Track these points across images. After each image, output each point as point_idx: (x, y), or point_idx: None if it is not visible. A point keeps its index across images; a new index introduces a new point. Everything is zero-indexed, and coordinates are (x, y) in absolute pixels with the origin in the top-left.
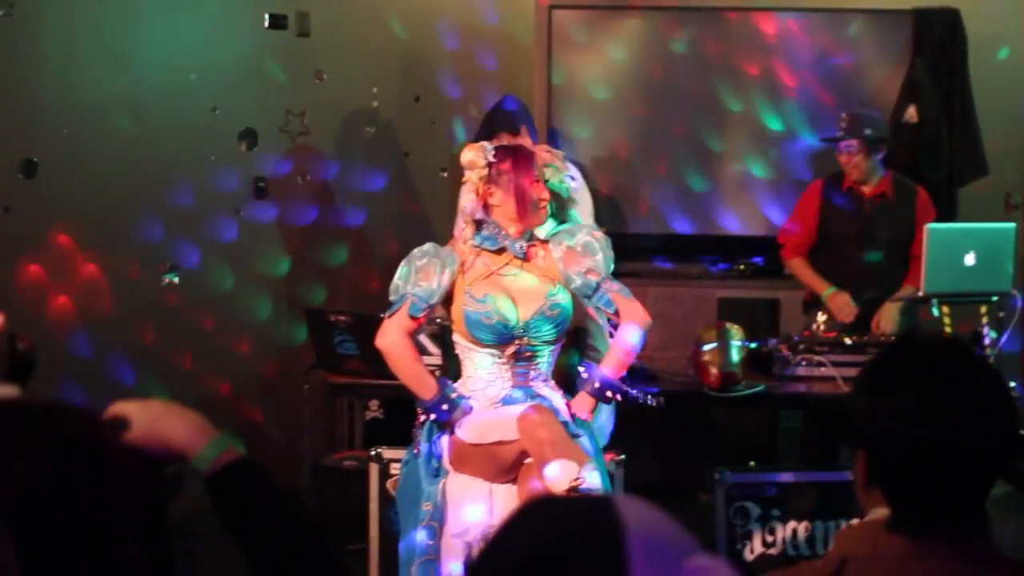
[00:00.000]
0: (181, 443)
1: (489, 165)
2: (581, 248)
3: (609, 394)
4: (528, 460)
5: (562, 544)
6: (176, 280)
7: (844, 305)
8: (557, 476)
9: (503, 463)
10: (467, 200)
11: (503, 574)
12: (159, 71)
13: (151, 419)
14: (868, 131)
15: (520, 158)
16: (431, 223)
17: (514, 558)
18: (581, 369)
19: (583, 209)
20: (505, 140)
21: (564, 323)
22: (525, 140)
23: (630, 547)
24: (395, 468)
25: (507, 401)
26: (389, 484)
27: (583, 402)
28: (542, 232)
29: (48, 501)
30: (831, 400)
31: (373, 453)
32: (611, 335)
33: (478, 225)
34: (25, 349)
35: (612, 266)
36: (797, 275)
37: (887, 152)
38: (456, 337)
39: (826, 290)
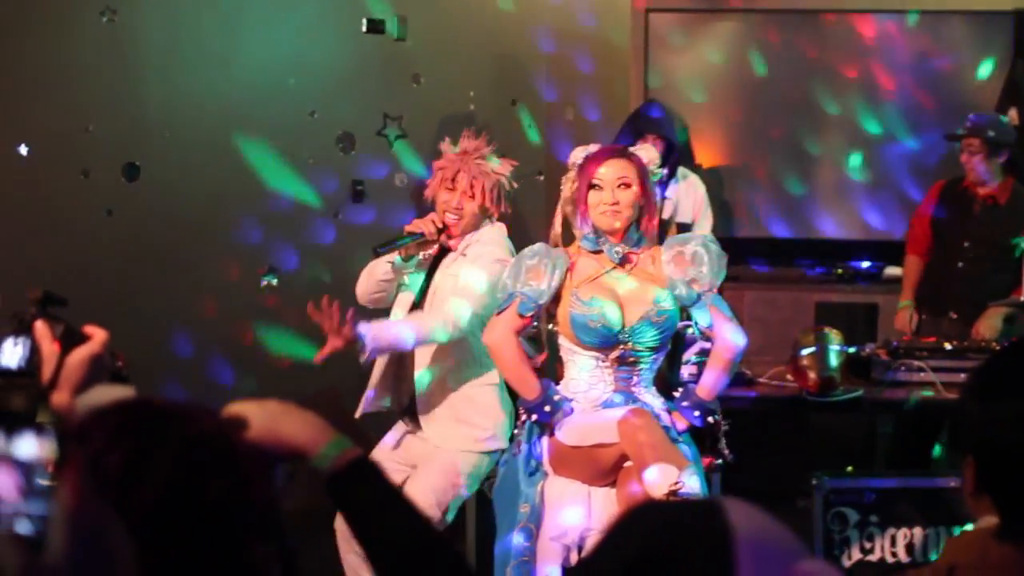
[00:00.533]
0: (301, 442)
1: (578, 167)
2: (690, 256)
3: (709, 418)
4: (627, 464)
5: (671, 546)
6: (275, 282)
7: (903, 323)
8: (657, 480)
9: (603, 466)
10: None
11: (611, 574)
12: (259, 75)
13: (269, 418)
14: (991, 133)
15: (590, 163)
16: (527, 226)
17: (622, 558)
18: (677, 393)
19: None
20: (650, 141)
21: (669, 330)
22: (646, 148)
23: (738, 550)
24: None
25: (608, 405)
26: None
27: (678, 419)
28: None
29: (184, 502)
30: (930, 406)
31: None
32: (700, 352)
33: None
34: (120, 368)
35: (719, 281)
36: (904, 270)
37: (1010, 158)
38: (560, 339)
39: (902, 301)
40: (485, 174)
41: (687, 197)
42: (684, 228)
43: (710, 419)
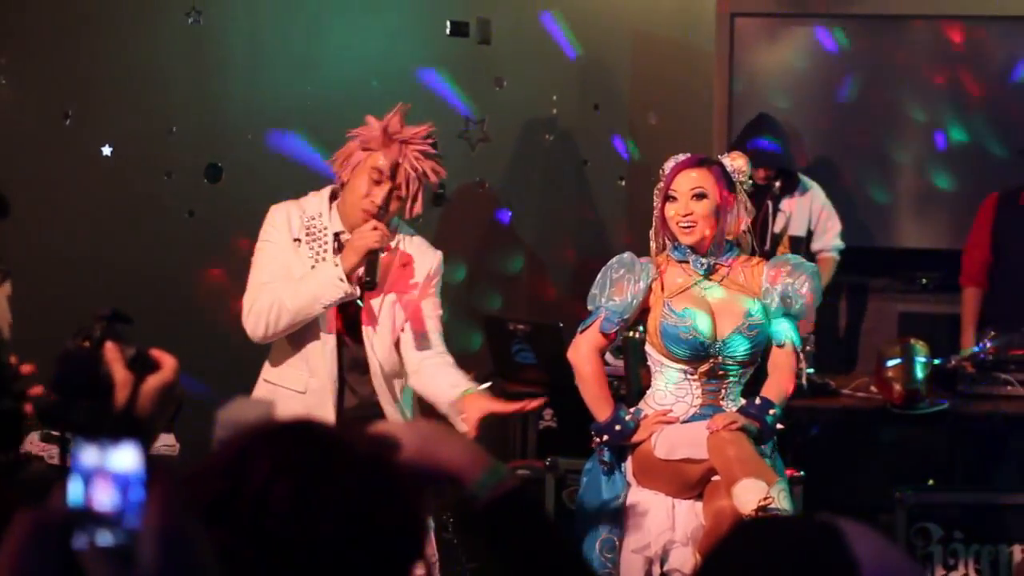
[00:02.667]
0: (457, 466)
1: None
2: (793, 276)
3: (780, 427)
4: (715, 477)
5: (793, 566)
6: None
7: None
8: (746, 495)
9: (689, 480)
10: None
11: None
12: (341, 77)
13: (421, 439)
14: None
15: (669, 173)
16: (608, 232)
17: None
18: (743, 401)
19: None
20: (763, 175)
21: (760, 343)
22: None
23: None
24: (572, 478)
25: (695, 419)
26: (566, 495)
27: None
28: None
29: (356, 531)
30: (1016, 420)
31: (548, 462)
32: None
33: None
34: (179, 395)
35: (805, 316)
36: (962, 307)
37: None
38: (649, 349)
39: (966, 349)
40: (422, 175)
41: (802, 209)
42: (797, 242)
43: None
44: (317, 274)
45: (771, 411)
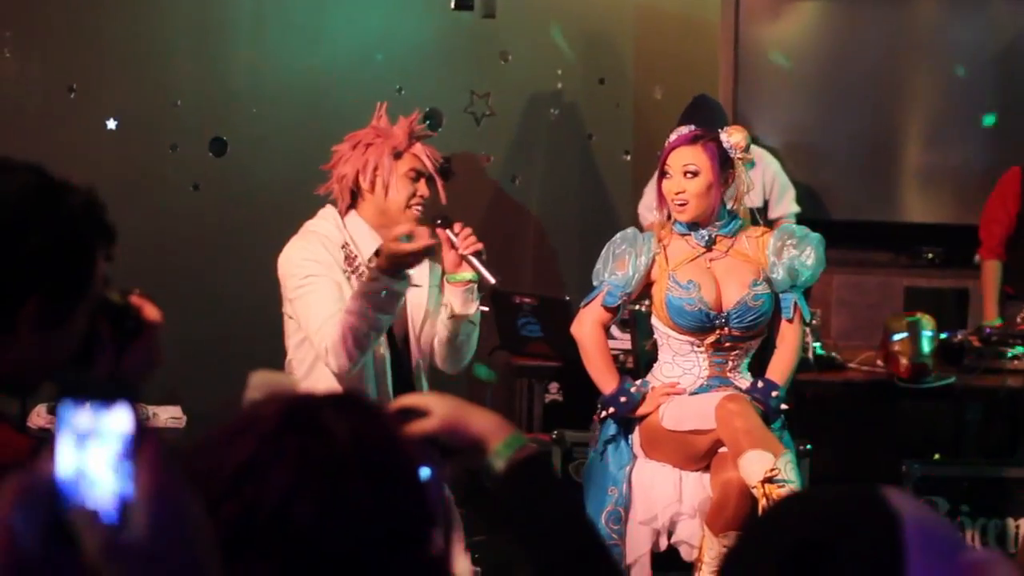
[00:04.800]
0: (483, 432)
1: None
2: (799, 248)
3: (784, 407)
4: (722, 449)
5: (836, 529)
6: None
7: None
8: (752, 466)
9: (696, 452)
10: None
11: (768, 559)
12: (346, 51)
13: (454, 408)
14: None
15: (665, 150)
16: (614, 206)
17: (780, 544)
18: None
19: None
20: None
21: (765, 314)
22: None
23: (906, 536)
24: (578, 451)
25: (702, 390)
26: (572, 468)
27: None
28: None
29: (378, 539)
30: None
31: (555, 436)
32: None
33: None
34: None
35: (812, 282)
36: (982, 280)
37: None
38: (655, 321)
39: (990, 320)
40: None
41: (755, 180)
42: (753, 212)
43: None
44: (368, 289)
45: (774, 393)
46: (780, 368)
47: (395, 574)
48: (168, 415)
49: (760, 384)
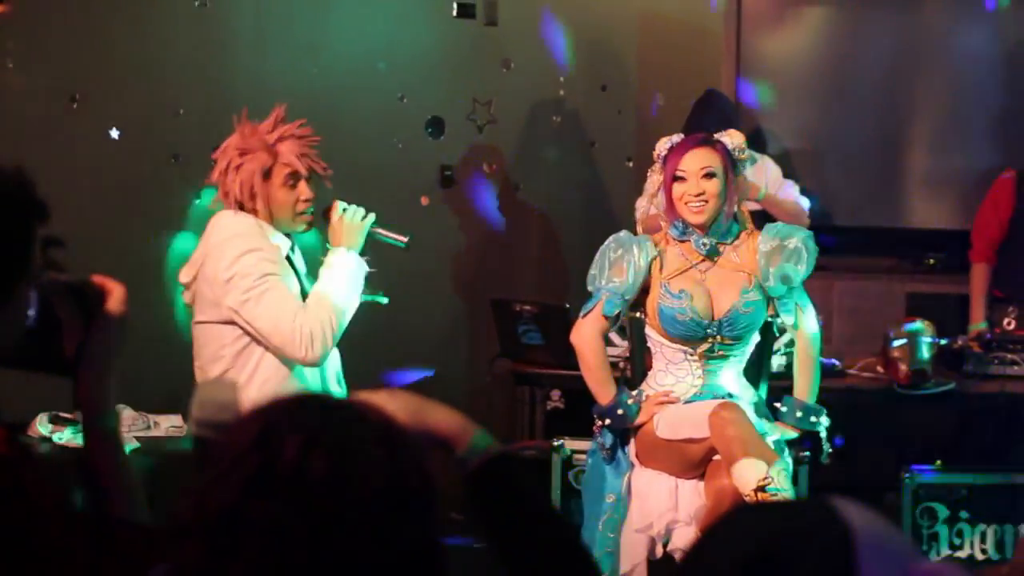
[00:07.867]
0: (450, 433)
1: (663, 159)
2: (789, 252)
3: (813, 419)
4: (716, 457)
5: (789, 544)
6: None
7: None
8: (746, 475)
9: (691, 460)
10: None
11: (720, 571)
12: (348, 59)
13: (411, 408)
14: None
15: (673, 154)
16: (616, 212)
17: (733, 556)
18: (778, 405)
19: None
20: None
21: (757, 322)
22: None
23: (859, 550)
24: (578, 459)
25: (696, 399)
26: (572, 476)
27: (786, 428)
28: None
29: (391, 499)
30: (1022, 400)
31: (556, 443)
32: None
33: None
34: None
35: (807, 276)
36: (971, 283)
37: None
38: (648, 330)
39: (975, 324)
40: (304, 153)
41: (757, 181)
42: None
43: (812, 419)
44: (339, 268)
45: (812, 419)
46: (806, 390)
47: (402, 537)
48: (169, 423)
49: (798, 414)
